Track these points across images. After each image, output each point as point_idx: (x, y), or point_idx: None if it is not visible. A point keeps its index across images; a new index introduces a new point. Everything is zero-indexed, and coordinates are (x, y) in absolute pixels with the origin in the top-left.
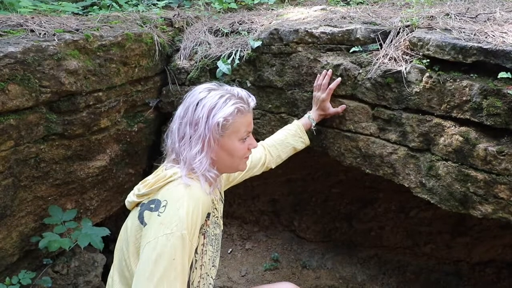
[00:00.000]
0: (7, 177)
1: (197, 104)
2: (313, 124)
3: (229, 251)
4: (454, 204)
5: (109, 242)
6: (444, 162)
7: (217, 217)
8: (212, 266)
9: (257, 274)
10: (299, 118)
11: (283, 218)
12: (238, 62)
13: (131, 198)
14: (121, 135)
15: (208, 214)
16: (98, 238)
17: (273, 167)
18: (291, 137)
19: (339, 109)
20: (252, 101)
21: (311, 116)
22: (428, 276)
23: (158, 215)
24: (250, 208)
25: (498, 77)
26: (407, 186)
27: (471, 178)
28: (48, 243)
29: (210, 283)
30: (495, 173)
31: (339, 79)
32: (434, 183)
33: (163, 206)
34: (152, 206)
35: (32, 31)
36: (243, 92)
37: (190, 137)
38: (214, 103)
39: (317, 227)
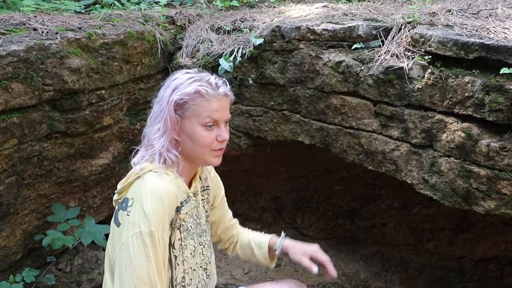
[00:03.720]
0: (11, 175)
1: (168, 85)
2: (277, 252)
3: None
4: (457, 200)
5: None
6: (447, 158)
7: (197, 211)
8: (205, 262)
9: (260, 271)
10: (301, 115)
11: (285, 215)
12: (240, 59)
13: (114, 197)
14: (123, 133)
15: (178, 208)
16: (101, 235)
17: (228, 253)
18: (257, 249)
19: (314, 268)
20: (223, 88)
21: (281, 244)
22: (431, 272)
23: (127, 215)
24: (252, 206)
25: (500, 72)
26: (409, 182)
27: (474, 174)
28: (52, 241)
29: (201, 277)
30: (498, 169)
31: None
32: (436, 179)
33: (130, 205)
34: (124, 205)
35: (34, 29)
36: (215, 80)
37: (155, 115)
38: (180, 83)
39: (319, 224)
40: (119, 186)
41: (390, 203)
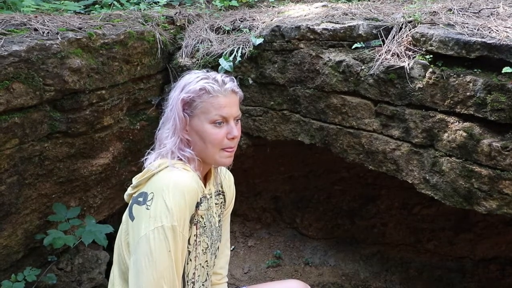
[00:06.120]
0: (12, 175)
1: (177, 86)
2: None
3: (231, 249)
4: (458, 200)
5: (112, 240)
6: (448, 158)
7: (210, 212)
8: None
9: (259, 271)
10: (301, 115)
11: (285, 215)
12: (240, 59)
13: (128, 191)
14: (123, 133)
15: (198, 204)
16: (102, 235)
17: None
18: None
19: None
20: (230, 84)
21: None
22: (431, 273)
23: (147, 209)
24: (252, 206)
25: (502, 72)
26: (410, 182)
27: (475, 174)
28: (53, 240)
29: (207, 276)
30: (500, 169)
31: None
32: (438, 179)
33: (150, 199)
34: (140, 199)
35: (35, 30)
36: (222, 77)
37: (166, 116)
38: (188, 83)
39: (319, 224)
40: (134, 180)
41: (390, 203)
